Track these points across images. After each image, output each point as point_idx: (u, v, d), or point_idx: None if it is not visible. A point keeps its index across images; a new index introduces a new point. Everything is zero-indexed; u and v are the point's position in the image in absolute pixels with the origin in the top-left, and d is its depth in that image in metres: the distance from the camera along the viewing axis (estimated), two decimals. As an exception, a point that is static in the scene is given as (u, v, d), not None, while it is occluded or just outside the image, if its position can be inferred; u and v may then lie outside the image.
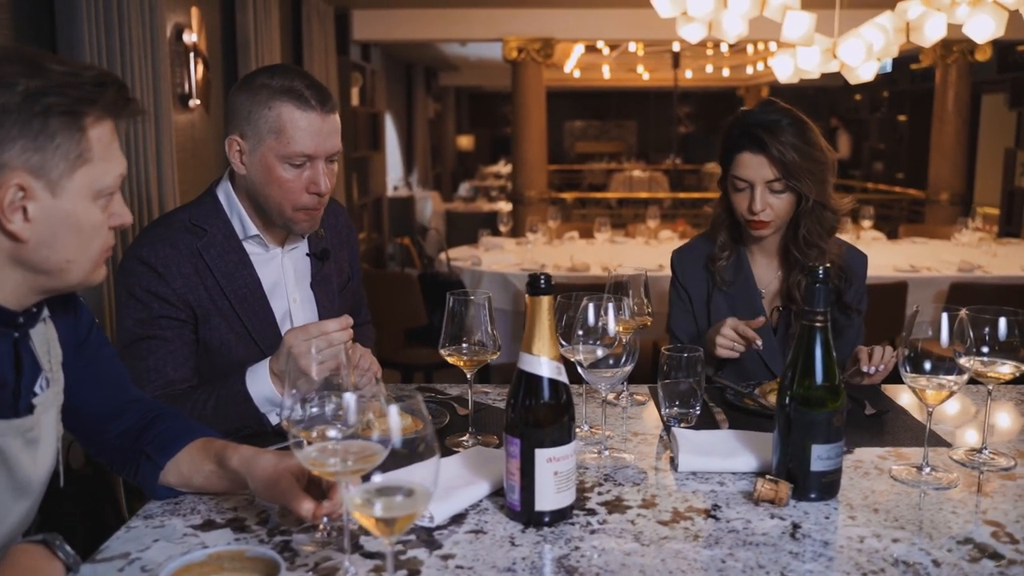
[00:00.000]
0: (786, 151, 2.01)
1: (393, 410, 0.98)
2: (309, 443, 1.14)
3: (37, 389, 1.28)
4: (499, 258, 5.28)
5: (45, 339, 1.31)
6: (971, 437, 1.72)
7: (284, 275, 1.95)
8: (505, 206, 9.21)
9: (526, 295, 1.30)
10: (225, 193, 1.90)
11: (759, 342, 2.02)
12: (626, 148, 19.45)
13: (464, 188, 13.27)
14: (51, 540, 1.13)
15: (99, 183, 1.18)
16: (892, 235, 6.68)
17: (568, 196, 11.64)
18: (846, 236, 5.35)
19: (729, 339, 2.02)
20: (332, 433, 1.13)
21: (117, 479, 1.89)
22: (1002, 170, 9.44)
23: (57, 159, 1.13)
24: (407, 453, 0.98)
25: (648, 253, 5.48)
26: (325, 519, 1.26)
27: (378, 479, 0.99)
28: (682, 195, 12.28)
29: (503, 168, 14.85)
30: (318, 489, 1.29)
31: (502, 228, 6.24)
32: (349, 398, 1.08)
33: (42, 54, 1.15)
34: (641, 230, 6.26)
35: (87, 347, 1.43)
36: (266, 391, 1.67)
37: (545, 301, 1.29)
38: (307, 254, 2.00)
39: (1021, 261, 5.12)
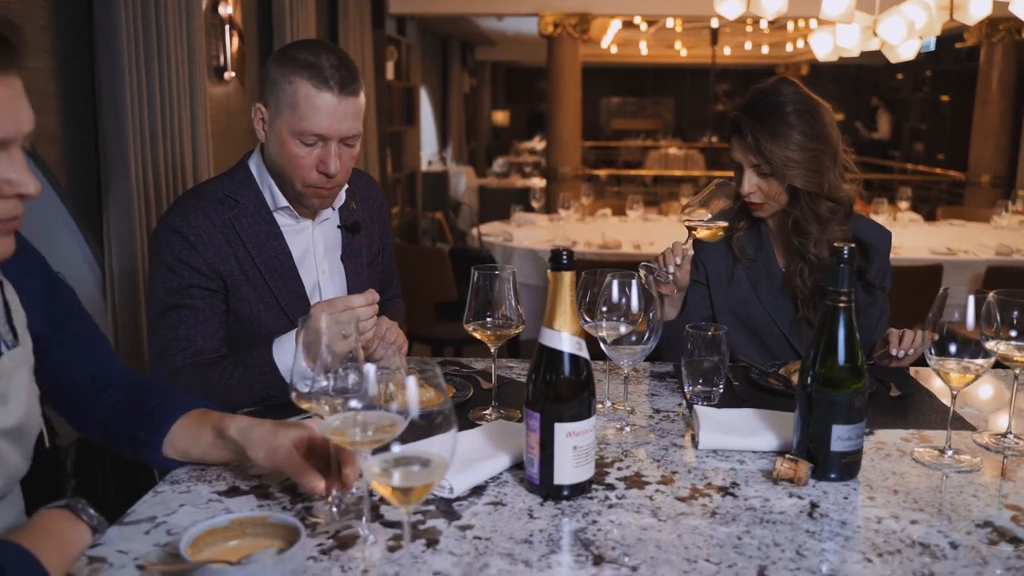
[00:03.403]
0: (763, 140, 1.98)
1: (411, 381, 1.00)
2: (331, 414, 1.16)
3: None
4: (530, 234, 5.27)
5: (2, 300, 1.28)
6: (998, 421, 1.71)
7: (314, 247, 1.97)
8: (539, 182, 9.19)
9: (548, 270, 1.31)
10: (256, 164, 1.92)
11: (671, 269, 2.05)
12: (663, 125, 19.24)
13: (498, 164, 13.24)
14: (74, 504, 1.15)
15: None
16: (930, 217, 6.56)
17: (602, 173, 11.59)
18: (881, 217, 5.27)
19: (663, 259, 2.07)
20: (353, 404, 1.14)
21: None
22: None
23: None
24: (425, 425, 0.99)
25: (680, 231, 5.43)
26: (335, 493, 1.27)
27: (396, 449, 1.00)
28: (717, 173, 12.12)
29: (538, 144, 14.80)
30: (319, 460, 1.30)
31: (534, 204, 6.24)
32: (369, 369, 1.10)
33: None
34: (674, 208, 6.22)
35: (69, 321, 1.43)
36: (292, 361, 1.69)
37: (567, 277, 1.30)
38: (338, 226, 2.02)
39: (1062, 245, 5.01)
